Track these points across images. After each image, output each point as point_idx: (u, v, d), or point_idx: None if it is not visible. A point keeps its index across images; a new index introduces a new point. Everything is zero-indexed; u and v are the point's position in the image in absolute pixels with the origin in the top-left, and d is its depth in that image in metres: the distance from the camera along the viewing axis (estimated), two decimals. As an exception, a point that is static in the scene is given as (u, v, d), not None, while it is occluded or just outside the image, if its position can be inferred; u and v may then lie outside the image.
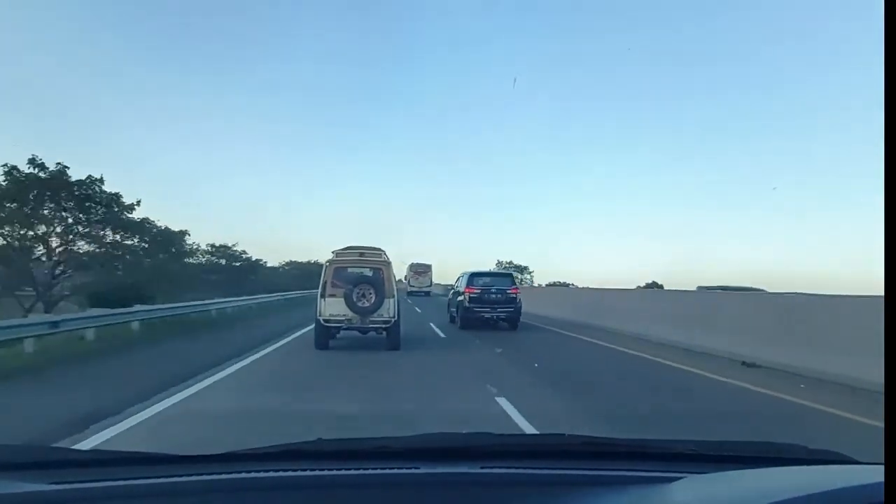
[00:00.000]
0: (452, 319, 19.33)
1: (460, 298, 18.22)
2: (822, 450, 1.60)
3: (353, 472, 1.40)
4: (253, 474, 1.35)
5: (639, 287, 36.78)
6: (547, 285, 55.57)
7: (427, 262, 49.99)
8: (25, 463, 1.44)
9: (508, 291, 17.91)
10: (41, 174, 21.14)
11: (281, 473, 1.37)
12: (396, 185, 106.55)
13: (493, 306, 17.56)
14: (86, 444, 5.02)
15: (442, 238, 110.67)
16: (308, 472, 1.40)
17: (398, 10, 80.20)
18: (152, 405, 6.59)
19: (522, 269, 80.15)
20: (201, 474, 1.36)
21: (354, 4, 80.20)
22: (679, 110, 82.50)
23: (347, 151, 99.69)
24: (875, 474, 1.06)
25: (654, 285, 45.16)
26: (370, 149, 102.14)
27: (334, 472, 1.40)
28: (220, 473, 1.36)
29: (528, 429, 5.85)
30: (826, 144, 70.85)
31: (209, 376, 8.51)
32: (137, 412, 6.24)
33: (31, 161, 20.88)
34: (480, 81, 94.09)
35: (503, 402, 7.06)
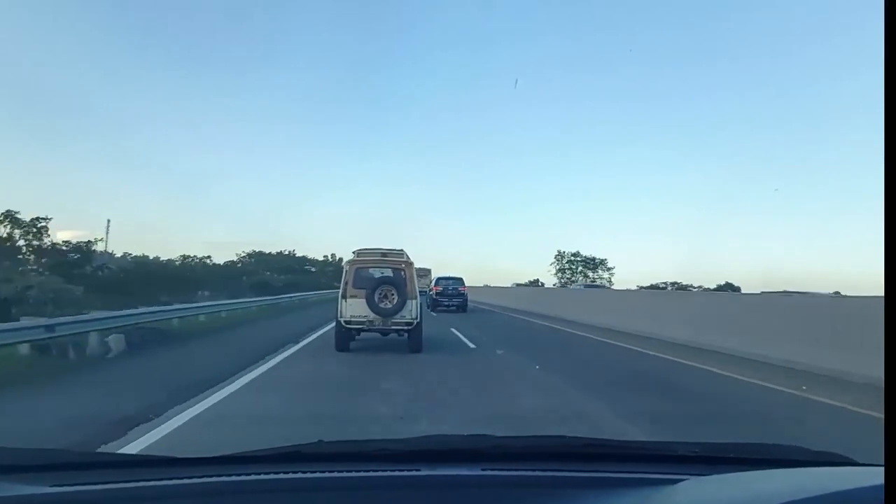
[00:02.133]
0: (427, 306, 26.62)
1: (430, 292, 27.91)
2: (825, 451, 1.60)
3: (353, 474, 1.40)
4: (253, 476, 1.35)
5: (707, 289, 39.99)
6: (646, 288, 42.47)
7: (427, 267, 55.71)
8: (25, 465, 1.43)
9: (459, 289, 27.73)
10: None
11: (281, 476, 1.36)
12: (398, 187, 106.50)
13: (450, 298, 27.34)
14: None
15: (447, 238, 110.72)
16: (308, 475, 1.40)
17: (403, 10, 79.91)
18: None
19: (596, 264, 66.72)
20: (202, 477, 1.36)
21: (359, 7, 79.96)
22: (680, 110, 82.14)
23: (347, 152, 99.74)
24: (877, 476, 1.05)
25: (728, 287, 46.31)
26: (371, 149, 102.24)
27: (335, 475, 1.40)
28: (221, 476, 1.36)
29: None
30: (828, 145, 70.98)
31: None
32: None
33: None
34: (481, 82, 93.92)
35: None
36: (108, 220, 54.53)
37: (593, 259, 69.51)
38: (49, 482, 1.29)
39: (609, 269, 68.17)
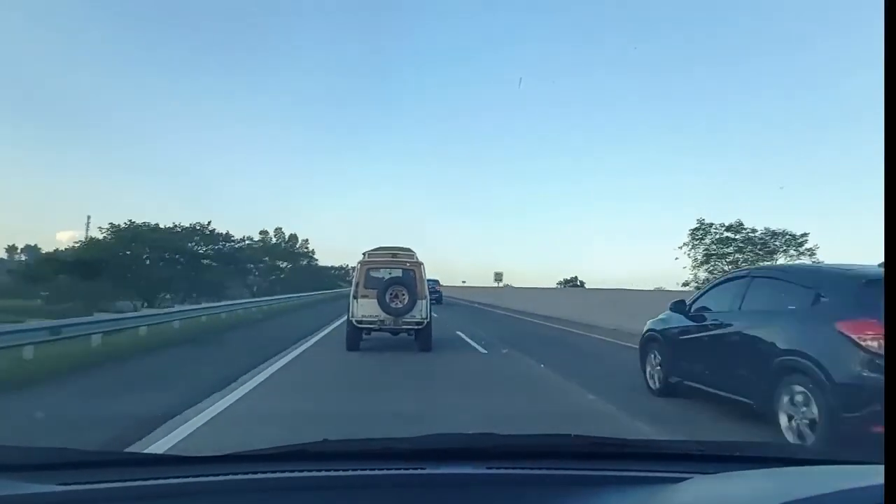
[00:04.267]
0: None
1: None
2: (827, 450, 1.62)
3: (358, 472, 1.40)
4: (259, 475, 1.35)
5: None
6: None
7: None
8: (33, 464, 1.44)
9: (436, 287, 34.48)
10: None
11: (287, 474, 1.37)
12: (402, 189, 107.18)
13: (429, 294, 31.61)
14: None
15: (452, 240, 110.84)
16: (314, 473, 1.40)
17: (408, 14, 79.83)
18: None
19: (776, 245, 35.09)
20: (208, 475, 1.36)
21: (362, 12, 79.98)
22: (680, 111, 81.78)
23: (340, 155, 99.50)
24: (878, 475, 1.06)
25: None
26: (375, 152, 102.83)
27: (340, 473, 1.40)
28: (227, 474, 1.36)
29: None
30: (830, 144, 70.17)
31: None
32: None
33: None
34: (479, 85, 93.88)
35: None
36: (88, 217, 53.46)
37: (772, 234, 35.31)
38: (57, 480, 1.30)
39: (808, 251, 34.65)
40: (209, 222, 40.38)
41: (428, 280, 35.91)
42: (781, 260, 34.91)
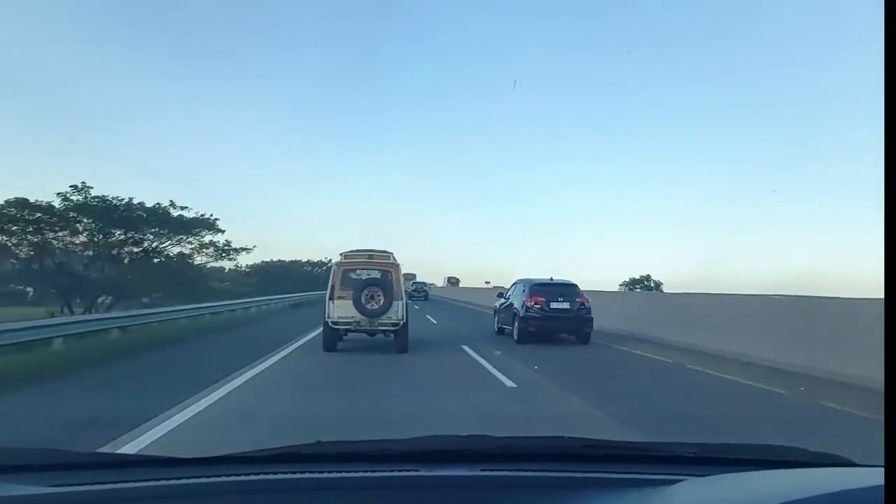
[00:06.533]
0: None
1: (408, 290, 46.48)
2: (823, 452, 1.60)
3: (352, 474, 1.40)
4: (252, 477, 1.35)
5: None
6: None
7: (413, 272, 58.60)
8: (24, 465, 1.43)
9: (424, 288, 44.13)
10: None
11: (280, 476, 1.37)
12: (392, 187, 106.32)
13: (418, 293, 41.52)
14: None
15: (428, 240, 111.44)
16: (307, 475, 1.40)
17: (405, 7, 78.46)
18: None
19: None
20: (200, 477, 1.36)
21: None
22: (678, 110, 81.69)
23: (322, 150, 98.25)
24: (876, 477, 1.06)
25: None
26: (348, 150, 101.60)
27: (334, 475, 1.40)
28: (219, 476, 1.36)
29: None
30: (827, 145, 69.57)
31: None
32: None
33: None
34: (471, 83, 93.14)
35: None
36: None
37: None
38: (47, 482, 1.29)
39: None
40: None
41: (417, 281, 36.81)
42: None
